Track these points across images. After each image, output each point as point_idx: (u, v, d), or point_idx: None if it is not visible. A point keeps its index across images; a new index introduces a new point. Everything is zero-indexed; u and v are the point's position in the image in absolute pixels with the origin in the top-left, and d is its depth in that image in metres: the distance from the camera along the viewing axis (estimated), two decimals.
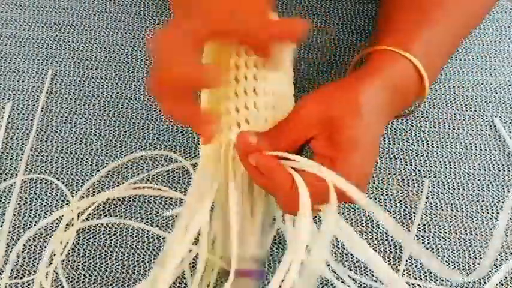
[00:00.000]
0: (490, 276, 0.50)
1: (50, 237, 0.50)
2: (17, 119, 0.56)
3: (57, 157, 0.54)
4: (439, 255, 0.51)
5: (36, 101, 0.57)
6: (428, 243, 0.51)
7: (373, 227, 0.52)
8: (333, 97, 0.42)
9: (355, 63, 0.50)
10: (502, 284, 0.50)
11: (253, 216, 0.44)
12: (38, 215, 0.51)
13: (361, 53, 0.48)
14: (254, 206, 0.44)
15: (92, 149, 0.55)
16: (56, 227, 0.51)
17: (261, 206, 0.44)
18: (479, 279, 0.50)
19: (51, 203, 0.52)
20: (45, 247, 0.50)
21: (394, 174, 0.54)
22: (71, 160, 0.54)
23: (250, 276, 0.43)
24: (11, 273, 0.49)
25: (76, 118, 0.56)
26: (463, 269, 0.50)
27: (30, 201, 0.52)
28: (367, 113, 0.41)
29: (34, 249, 0.50)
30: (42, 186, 0.53)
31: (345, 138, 0.40)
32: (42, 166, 0.54)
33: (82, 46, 0.61)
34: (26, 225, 0.51)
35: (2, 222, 0.51)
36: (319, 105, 0.41)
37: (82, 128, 0.56)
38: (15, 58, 0.60)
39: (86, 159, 0.54)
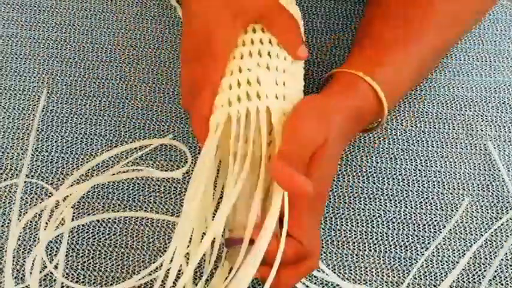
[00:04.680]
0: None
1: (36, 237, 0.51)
2: (17, 119, 0.56)
3: (57, 157, 0.54)
4: (439, 255, 0.51)
5: (37, 101, 0.57)
6: (428, 243, 0.51)
7: (373, 227, 0.52)
8: (326, 117, 0.44)
9: (324, 81, 0.51)
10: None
11: (257, 189, 0.43)
12: (39, 215, 0.51)
13: (330, 72, 0.50)
14: (258, 179, 0.44)
15: (93, 149, 0.55)
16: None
17: (265, 179, 0.44)
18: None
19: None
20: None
21: (394, 174, 0.54)
22: (72, 160, 0.54)
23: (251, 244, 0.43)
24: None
25: (76, 118, 0.56)
26: (463, 269, 0.50)
27: (30, 201, 0.52)
28: (335, 136, 0.44)
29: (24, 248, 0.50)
30: (42, 186, 0.53)
31: (324, 158, 0.43)
32: (43, 166, 0.54)
33: (83, 46, 0.61)
34: (27, 226, 0.51)
35: (2, 222, 0.51)
36: (319, 126, 0.43)
37: (82, 128, 0.56)
38: (16, 58, 0.60)
39: (87, 159, 0.54)
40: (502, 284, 0.49)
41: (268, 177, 0.44)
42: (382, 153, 0.55)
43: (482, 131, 0.57)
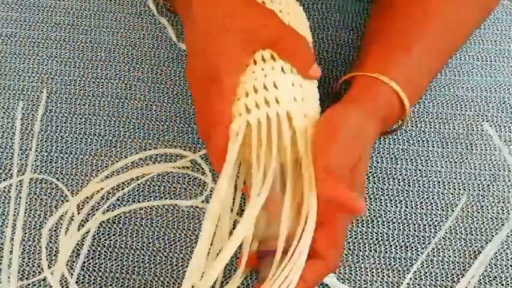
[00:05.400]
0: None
1: (55, 236, 0.51)
2: (17, 118, 0.56)
3: (57, 157, 0.54)
4: (439, 255, 0.51)
5: (37, 101, 0.57)
6: (428, 243, 0.51)
7: (374, 227, 0.52)
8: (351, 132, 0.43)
9: (340, 85, 0.50)
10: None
11: (285, 198, 0.42)
12: (38, 215, 0.52)
13: (345, 76, 0.49)
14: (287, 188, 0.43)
15: (92, 149, 0.55)
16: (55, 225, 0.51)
17: (296, 188, 0.43)
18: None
19: (50, 203, 0.52)
20: (51, 246, 0.50)
21: (395, 174, 0.54)
22: (71, 160, 0.54)
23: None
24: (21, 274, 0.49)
25: (76, 118, 0.56)
26: (463, 269, 0.50)
27: (29, 201, 0.52)
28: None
29: (37, 249, 0.50)
30: (42, 186, 0.53)
31: (360, 171, 0.43)
32: (42, 166, 0.54)
33: (82, 46, 0.61)
34: (26, 226, 0.51)
35: (2, 222, 0.51)
36: (355, 143, 0.42)
37: (82, 128, 0.56)
38: (15, 58, 0.60)
39: (86, 159, 0.54)
40: (503, 285, 0.49)
41: (296, 185, 0.43)
42: (382, 153, 0.55)
43: (482, 131, 0.57)
